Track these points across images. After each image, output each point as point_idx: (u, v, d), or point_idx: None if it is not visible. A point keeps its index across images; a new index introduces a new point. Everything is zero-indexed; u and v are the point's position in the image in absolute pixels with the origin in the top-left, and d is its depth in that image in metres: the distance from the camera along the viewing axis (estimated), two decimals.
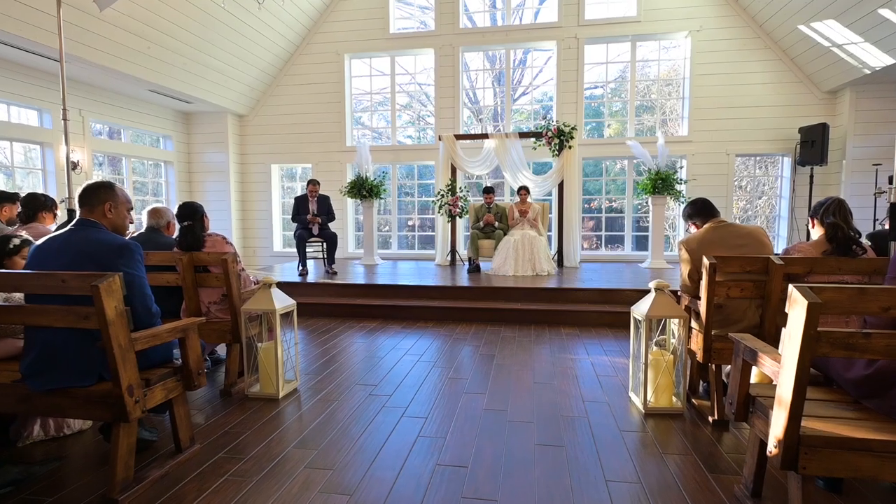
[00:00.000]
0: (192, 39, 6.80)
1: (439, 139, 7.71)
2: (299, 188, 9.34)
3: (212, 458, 2.21)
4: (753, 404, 1.74)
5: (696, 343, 2.64)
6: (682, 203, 7.19)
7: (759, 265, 2.46)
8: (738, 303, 2.55)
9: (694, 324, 2.73)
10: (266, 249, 9.13)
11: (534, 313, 4.98)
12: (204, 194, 8.86)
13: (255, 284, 3.35)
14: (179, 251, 2.98)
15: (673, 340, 2.93)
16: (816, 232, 2.53)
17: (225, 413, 2.76)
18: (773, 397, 1.59)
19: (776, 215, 8.17)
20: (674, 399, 2.77)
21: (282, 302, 2.99)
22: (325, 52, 8.66)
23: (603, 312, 4.88)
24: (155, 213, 3.24)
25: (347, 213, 8.82)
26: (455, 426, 2.56)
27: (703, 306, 2.51)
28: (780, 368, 1.47)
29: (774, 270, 2.41)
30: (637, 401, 2.81)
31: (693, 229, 2.84)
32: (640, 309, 2.78)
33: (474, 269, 6.70)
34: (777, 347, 2.38)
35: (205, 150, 8.80)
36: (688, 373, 2.76)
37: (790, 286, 1.41)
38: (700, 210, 2.77)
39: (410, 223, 10.54)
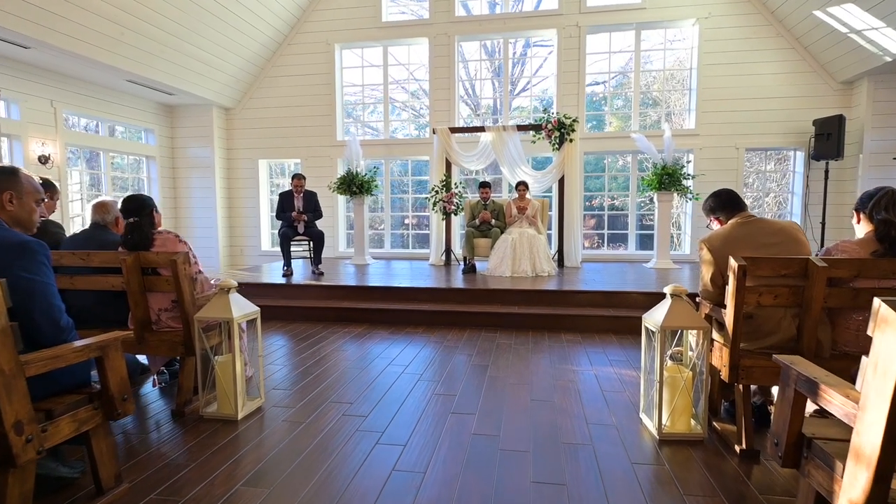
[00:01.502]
0: (169, 26, 6.41)
1: (433, 132, 7.32)
2: (288, 184, 8.94)
3: (138, 503, 1.83)
4: (809, 448, 1.36)
5: (720, 359, 2.26)
6: (690, 199, 6.82)
7: (797, 267, 2.08)
8: (770, 312, 2.17)
9: (716, 335, 2.35)
10: (254, 249, 8.75)
11: (532, 317, 4.60)
12: (188, 191, 8.49)
13: (215, 289, 2.96)
14: (125, 251, 2.60)
15: (690, 353, 2.55)
16: (862, 228, 2.15)
17: (172, 439, 2.38)
18: (843, 441, 1.21)
19: (787, 213, 7.79)
20: (692, 422, 2.40)
21: (242, 309, 2.61)
22: (315, 41, 8.27)
23: (607, 317, 4.50)
24: (101, 208, 2.86)
25: (338, 210, 8.44)
26: (437, 456, 2.18)
27: (729, 316, 2.13)
28: (858, 412, 1.09)
29: (815, 274, 2.03)
30: (650, 424, 2.43)
31: (715, 225, 2.46)
32: (653, 318, 2.40)
33: (469, 269, 6.32)
34: (819, 366, 2.01)
35: (189, 144, 8.42)
36: (708, 392, 2.38)
37: (876, 300, 1.03)
38: (724, 203, 2.39)
39: (407, 221, 10.18)
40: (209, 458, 2.17)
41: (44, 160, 6.18)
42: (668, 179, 6.50)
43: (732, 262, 2.08)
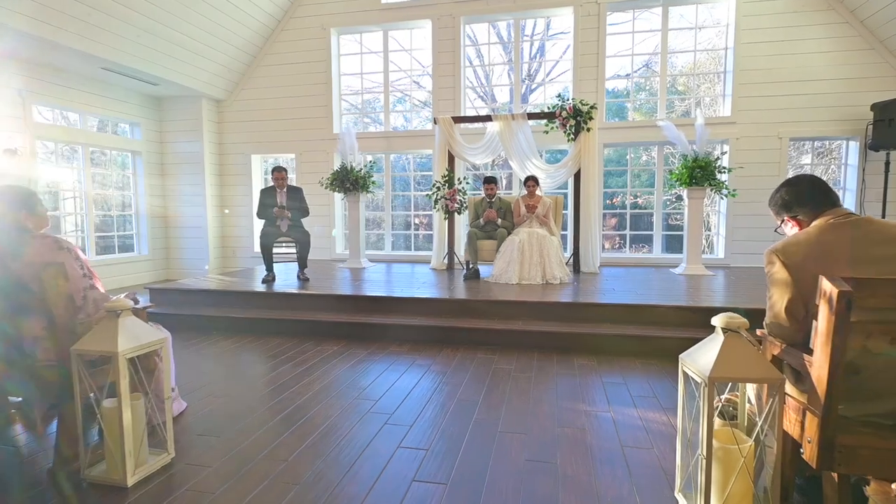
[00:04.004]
0: (144, 7, 5.85)
1: (434, 123, 6.63)
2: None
3: None
4: None
5: (798, 425, 1.52)
6: (725, 196, 5.97)
7: None
8: (883, 363, 1.41)
9: (791, 390, 1.61)
10: (246, 250, 8.19)
11: (538, 336, 3.87)
12: (177, 188, 7.97)
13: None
14: None
15: (750, 405, 1.81)
16: None
17: None
18: None
19: None
20: None
21: (135, 338, 1.96)
22: (310, 26, 7.66)
23: (628, 337, 3.75)
24: None
25: (335, 209, 7.82)
26: None
27: (820, 367, 1.38)
28: None
29: None
30: None
31: (790, 229, 1.70)
32: (697, 362, 1.66)
33: (472, 274, 5.61)
34: None
35: (178, 138, 7.89)
36: (779, 470, 1.63)
37: None
38: (806, 195, 1.63)
39: (416, 221, 9.55)
40: None
41: (11, 154, 5.69)
42: (699, 173, 5.67)
43: (827, 286, 1.34)
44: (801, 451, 1.51)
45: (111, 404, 1.95)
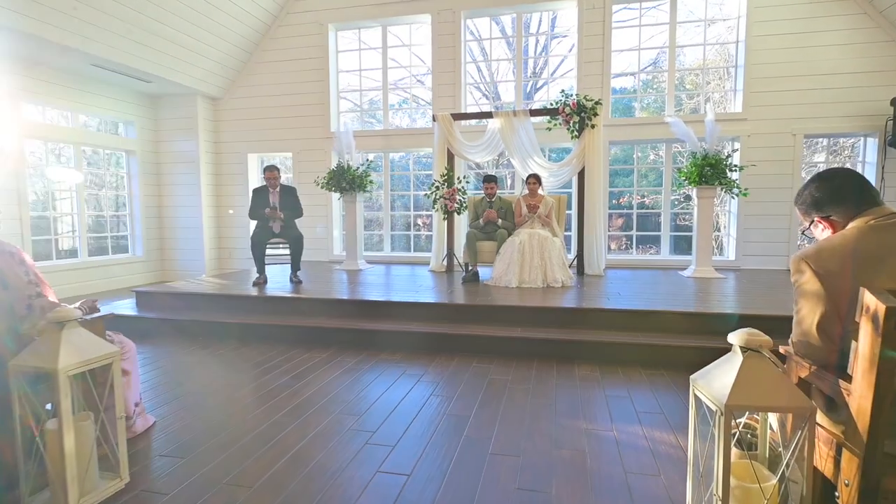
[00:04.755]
0: (133, 0, 5.69)
1: (434, 120, 6.42)
2: (283, 180, 8.16)
3: None
4: None
5: (835, 464, 1.29)
6: (736, 196, 5.71)
7: None
8: None
9: (823, 420, 1.38)
10: (243, 251, 7.99)
11: (538, 343, 3.65)
12: (173, 188, 7.81)
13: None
14: None
15: (771, 430, 1.58)
16: None
17: None
18: None
19: None
20: None
21: (80, 353, 1.76)
22: (307, 21, 7.48)
23: (634, 345, 3.51)
24: None
25: (333, 209, 7.63)
26: None
27: (860, 395, 1.16)
28: None
29: None
30: None
31: (821, 231, 1.47)
32: (711, 385, 1.43)
33: (471, 277, 5.39)
34: None
35: (173, 137, 7.74)
36: None
37: None
38: (841, 192, 1.39)
39: (419, 221, 9.36)
40: None
41: None
42: (709, 171, 5.42)
43: (870, 300, 1.11)
44: (836, 494, 1.28)
45: (54, 426, 1.75)
